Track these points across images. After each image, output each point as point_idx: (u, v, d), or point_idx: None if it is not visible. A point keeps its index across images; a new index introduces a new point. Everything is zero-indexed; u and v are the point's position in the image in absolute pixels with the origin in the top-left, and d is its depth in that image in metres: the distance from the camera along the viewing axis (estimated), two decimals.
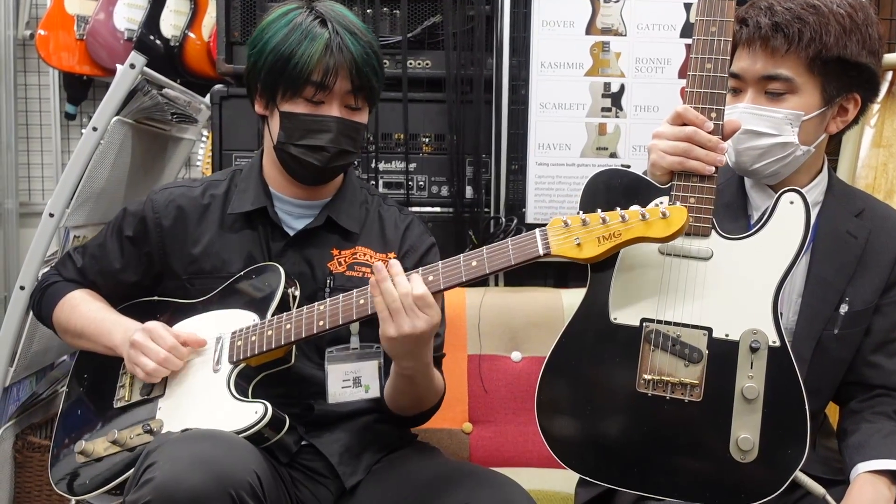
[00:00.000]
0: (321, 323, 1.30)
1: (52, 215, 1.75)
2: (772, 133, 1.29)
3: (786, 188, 1.24)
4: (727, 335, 1.21)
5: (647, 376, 1.21)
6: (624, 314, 1.24)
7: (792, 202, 1.22)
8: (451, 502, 1.22)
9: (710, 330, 1.21)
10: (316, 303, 1.32)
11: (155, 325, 1.38)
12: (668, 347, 1.21)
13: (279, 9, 1.42)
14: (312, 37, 1.35)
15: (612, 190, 1.26)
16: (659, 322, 1.22)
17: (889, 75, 2.06)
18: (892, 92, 2.07)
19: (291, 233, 1.46)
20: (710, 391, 1.19)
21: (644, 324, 1.23)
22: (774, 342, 1.19)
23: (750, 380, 1.18)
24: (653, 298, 1.23)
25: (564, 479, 1.61)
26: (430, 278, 1.24)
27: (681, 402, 1.20)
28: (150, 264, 1.49)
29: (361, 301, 1.28)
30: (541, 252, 1.19)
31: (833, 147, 2.04)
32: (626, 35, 2.00)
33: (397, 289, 1.22)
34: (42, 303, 1.54)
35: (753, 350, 1.19)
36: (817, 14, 1.26)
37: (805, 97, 1.29)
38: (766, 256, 1.21)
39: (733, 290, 1.21)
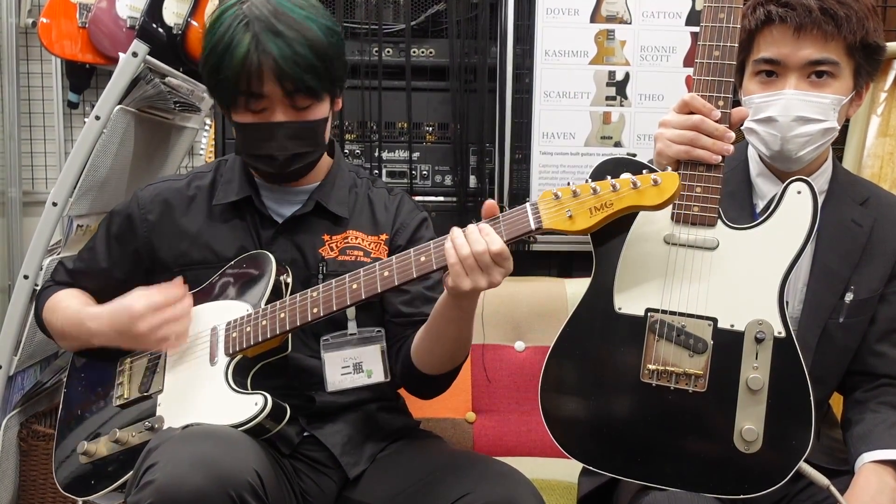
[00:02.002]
0: (315, 310, 1.28)
1: (55, 204, 1.75)
2: (820, 119, 1.28)
3: (793, 178, 1.23)
4: (732, 326, 1.20)
5: (651, 366, 1.21)
6: (628, 304, 1.23)
7: (799, 192, 1.22)
8: (455, 492, 1.22)
9: (715, 320, 1.20)
10: (309, 289, 1.31)
11: (148, 296, 1.35)
12: (672, 337, 1.21)
13: (220, 6, 1.36)
14: (234, 46, 1.29)
15: None
16: (664, 312, 1.21)
17: None
18: None
19: (280, 220, 1.44)
20: (714, 382, 1.19)
21: (649, 314, 1.22)
22: (780, 333, 1.19)
23: (755, 371, 1.18)
24: (658, 288, 1.22)
25: (567, 469, 1.61)
26: (423, 259, 1.22)
27: (685, 393, 1.20)
28: (138, 261, 1.48)
29: (355, 286, 1.26)
30: (532, 226, 1.17)
31: (839, 136, 2.03)
32: (630, 23, 1.99)
33: (472, 247, 1.16)
34: (37, 311, 1.55)
35: (759, 341, 1.18)
36: (855, 0, 1.26)
37: (843, 82, 1.29)
38: (773, 247, 1.21)
39: (739, 281, 1.21)
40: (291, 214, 1.44)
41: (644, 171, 1.14)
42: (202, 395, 1.32)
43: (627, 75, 1.99)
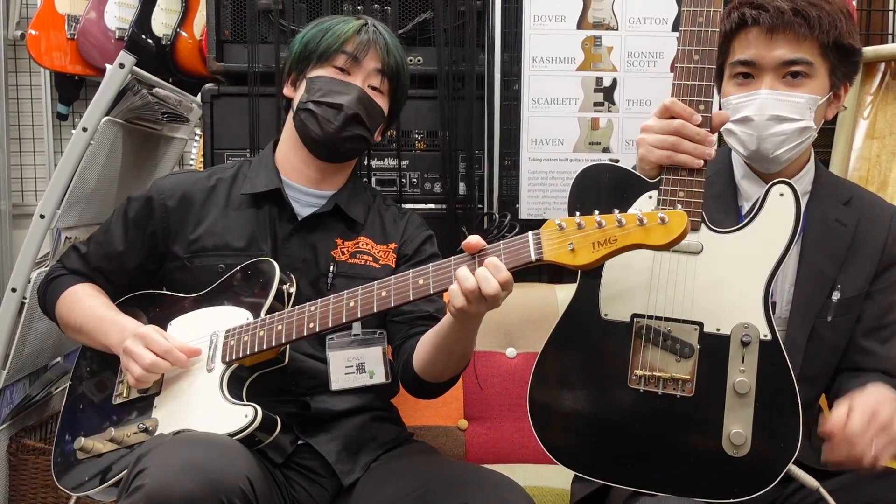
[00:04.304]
0: (311, 325, 1.29)
1: (42, 217, 1.74)
2: (796, 118, 1.29)
3: (776, 180, 1.24)
4: (718, 329, 1.20)
5: (638, 372, 1.21)
6: (614, 310, 1.24)
7: (782, 194, 1.22)
8: (450, 503, 1.21)
9: (700, 325, 1.21)
10: (308, 303, 1.32)
11: (148, 330, 1.37)
12: (659, 343, 1.21)
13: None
14: (349, 21, 1.51)
15: (601, 186, 1.25)
16: (650, 317, 1.22)
17: (882, 67, 2.06)
18: (886, 84, 2.06)
19: (299, 218, 1.48)
20: (701, 386, 1.19)
21: (635, 319, 1.22)
22: (766, 336, 1.19)
23: (741, 374, 1.18)
24: (643, 294, 1.22)
25: (560, 476, 1.60)
26: (420, 282, 1.23)
27: (672, 398, 1.20)
28: (154, 245, 1.50)
29: (352, 304, 1.27)
30: (533, 258, 1.16)
31: (827, 139, 2.04)
32: (617, 29, 1.99)
33: (482, 287, 1.15)
34: (46, 296, 1.55)
35: (745, 344, 1.19)
36: (827, 2, 1.28)
37: (818, 82, 1.30)
38: (757, 249, 1.21)
39: (724, 284, 1.21)
40: (311, 213, 1.48)
41: (655, 204, 1.14)
42: (196, 402, 1.32)
43: (615, 81, 2.00)
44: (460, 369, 1.42)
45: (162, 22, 2.74)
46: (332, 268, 1.45)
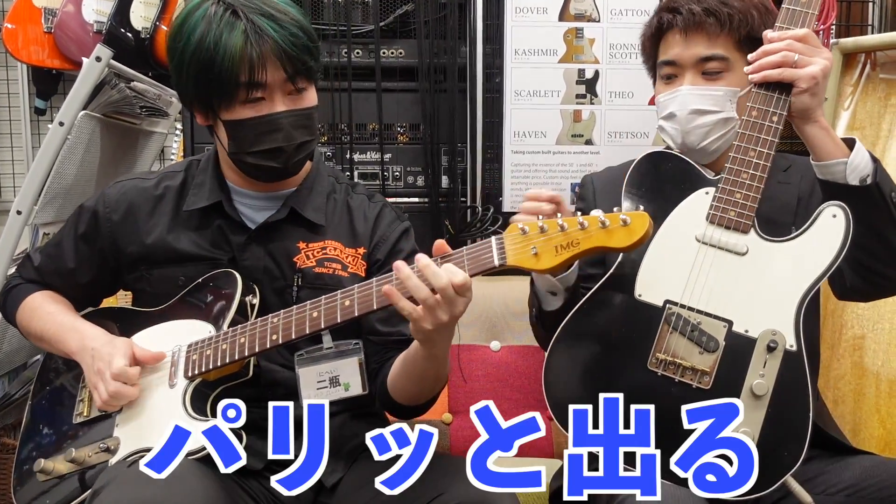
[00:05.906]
0: (274, 337, 1.25)
1: (19, 213, 1.72)
2: (715, 110, 1.36)
3: (831, 202, 1.25)
4: (746, 331, 1.22)
5: (660, 355, 1.22)
6: (649, 292, 1.26)
7: (835, 216, 1.24)
8: (430, 493, 1.20)
9: (730, 323, 1.22)
10: (270, 315, 1.28)
11: (124, 363, 1.30)
12: (686, 332, 1.23)
13: (186, 5, 1.32)
14: (226, 36, 1.25)
15: (662, 173, 1.30)
16: (682, 306, 1.24)
17: (862, 58, 2.07)
18: (866, 75, 2.07)
19: (252, 226, 1.39)
20: (719, 381, 1.20)
21: (667, 305, 1.24)
22: (791, 346, 1.21)
23: (761, 377, 1.20)
24: (681, 283, 1.24)
25: (543, 468, 1.61)
26: (385, 288, 1.19)
27: (688, 387, 1.21)
28: (104, 261, 1.45)
29: (315, 314, 1.23)
30: (496, 263, 1.14)
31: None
32: (599, 21, 1.99)
33: (434, 282, 1.13)
34: (6, 307, 1.51)
35: (770, 349, 1.20)
36: (740, 0, 1.37)
37: (737, 74, 1.37)
38: (800, 263, 1.23)
39: (761, 290, 1.23)
40: (264, 221, 1.39)
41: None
42: (158, 419, 1.28)
43: (597, 73, 2.00)
44: (436, 391, 1.37)
45: (141, 15, 2.71)
46: (297, 278, 1.37)
